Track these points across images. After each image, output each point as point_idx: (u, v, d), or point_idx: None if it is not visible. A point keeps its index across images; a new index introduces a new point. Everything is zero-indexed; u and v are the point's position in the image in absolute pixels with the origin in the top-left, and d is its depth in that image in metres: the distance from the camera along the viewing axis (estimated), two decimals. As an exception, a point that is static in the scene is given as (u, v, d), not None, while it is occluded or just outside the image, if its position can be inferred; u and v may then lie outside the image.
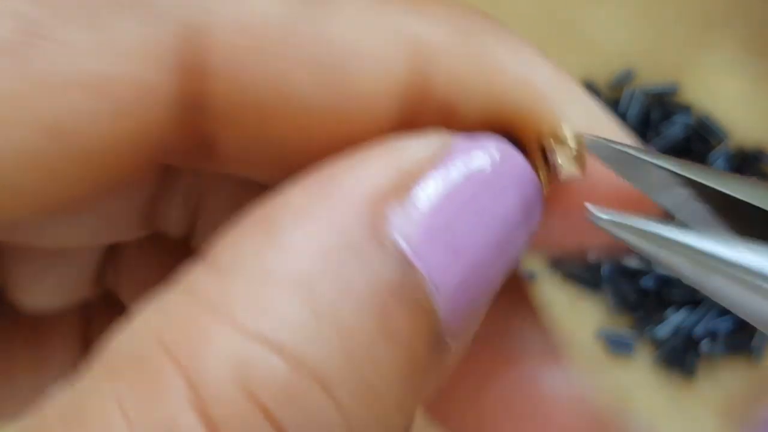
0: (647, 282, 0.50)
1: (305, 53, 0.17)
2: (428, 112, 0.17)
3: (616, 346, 0.50)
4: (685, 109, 0.50)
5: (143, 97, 0.16)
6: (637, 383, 0.50)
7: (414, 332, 0.15)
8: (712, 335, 0.49)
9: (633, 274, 0.50)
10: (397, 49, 0.17)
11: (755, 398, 0.51)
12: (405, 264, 0.15)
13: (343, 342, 0.14)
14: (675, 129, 0.49)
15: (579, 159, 0.17)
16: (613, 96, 0.50)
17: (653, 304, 0.50)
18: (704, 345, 0.49)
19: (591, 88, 0.50)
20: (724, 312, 0.49)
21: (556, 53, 0.55)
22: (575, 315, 0.51)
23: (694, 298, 0.49)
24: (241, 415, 0.14)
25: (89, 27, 0.16)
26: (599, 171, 0.17)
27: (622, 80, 0.50)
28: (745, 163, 0.50)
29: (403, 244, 0.15)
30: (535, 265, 0.50)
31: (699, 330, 0.49)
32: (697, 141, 0.50)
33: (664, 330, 0.49)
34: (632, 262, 0.49)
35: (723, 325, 0.49)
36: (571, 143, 0.17)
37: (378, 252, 0.15)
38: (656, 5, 0.52)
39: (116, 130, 0.16)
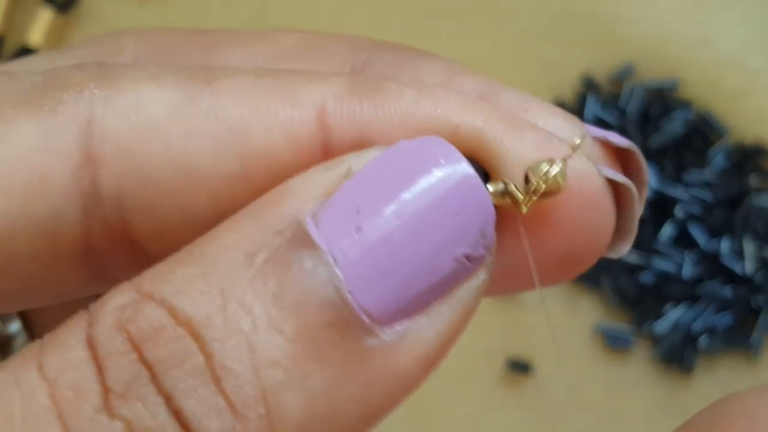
0: (646, 277, 0.50)
1: (201, 128, 0.18)
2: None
3: (614, 341, 0.50)
4: (686, 104, 0.50)
5: (45, 186, 0.18)
6: (635, 379, 0.50)
7: (304, 294, 0.16)
8: (711, 331, 0.49)
9: (632, 270, 0.50)
10: (300, 108, 0.18)
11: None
12: (298, 233, 0.16)
13: (226, 301, 0.16)
14: (675, 125, 0.49)
15: (559, 176, 0.17)
16: (613, 91, 0.50)
17: (651, 300, 0.50)
18: (702, 341, 0.50)
19: (590, 83, 0.50)
20: (722, 308, 0.49)
21: (556, 48, 0.54)
22: (573, 310, 0.51)
23: (692, 294, 0.49)
24: (116, 349, 0.16)
25: None
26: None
27: (622, 75, 0.50)
28: (745, 158, 0.50)
29: (309, 219, 0.16)
30: None
31: (697, 326, 0.49)
32: (697, 137, 0.50)
33: (662, 326, 0.49)
34: (631, 258, 0.49)
35: (722, 320, 0.49)
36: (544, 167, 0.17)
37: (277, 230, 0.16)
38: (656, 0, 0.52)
39: (18, 218, 0.18)
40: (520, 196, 0.17)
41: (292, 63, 0.23)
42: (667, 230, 0.49)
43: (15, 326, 0.27)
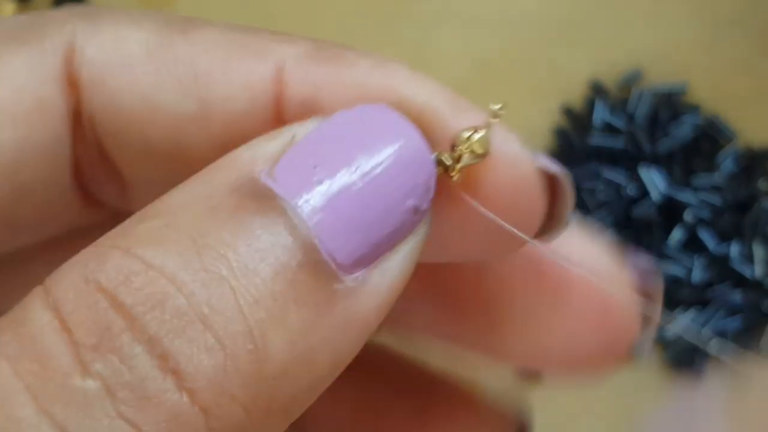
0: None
1: (169, 69, 0.20)
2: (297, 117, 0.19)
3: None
4: (694, 108, 0.50)
5: (43, 111, 0.20)
6: (646, 384, 0.50)
7: (275, 239, 0.17)
8: (722, 335, 0.49)
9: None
10: (261, 63, 0.20)
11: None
12: (257, 187, 0.17)
13: (199, 248, 0.17)
14: (684, 129, 0.49)
15: (484, 144, 0.18)
16: (621, 96, 0.50)
17: (665, 303, 0.49)
18: (713, 345, 0.49)
19: (599, 87, 0.50)
20: (732, 312, 0.49)
21: (565, 52, 0.54)
22: None
23: (702, 298, 0.49)
24: (84, 302, 0.16)
25: None
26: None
27: (631, 80, 0.51)
28: (754, 162, 0.50)
29: (263, 176, 0.17)
30: None
31: (707, 331, 0.49)
32: (706, 141, 0.50)
33: (672, 330, 0.49)
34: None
35: (731, 325, 0.49)
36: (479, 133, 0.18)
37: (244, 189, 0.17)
38: (665, 4, 0.52)
39: (25, 145, 0.20)
40: (448, 163, 0.18)
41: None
42: (677, 235, 0.49)
43: None
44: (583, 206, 0.49)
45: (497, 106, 0.19)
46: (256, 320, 0.16)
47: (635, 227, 0.50)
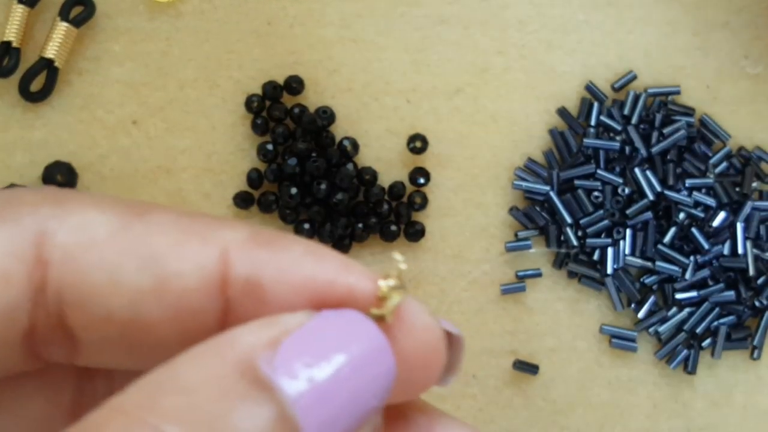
0: (650, 279, 0.50)
1: (130, 249, 0.23)
2: (243, 295, 0.23)
3: (620, 343, 0.50)
4: (688, 110, 0.50)
5: (8, 284, 0.22)
6: (640, 379, 0.51)
7: (267, 417, 0.20)
8: (713, 333, 0.50)
9: (638, 272, 0.50)
10: (208, 246, 0.23)
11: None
12: (258, 375, 0.20)
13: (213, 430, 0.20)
14: (678, 132, 0.49)
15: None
16: (616, 98, 0.50)
17: (658, 300, 0.50)
18: (705, 342, 0.50)
19: (594, 91, 0.50)
20: (726, 311, 0.50)
21: (560, 56, 0.54)
22: (579, 312, 0.51)
23: (696, 297, 0.49)
24: None
25: None
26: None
27: (625, 83, 0.50)
28: (746, 163, 0.50)
29: (263, 365, 0.20)
30: (541, 265, 0.51)
31: (700, 328, 0.49)
32: (700, 142, 0.50)
33: (666, 327, 0.49)
34: (635, 262, 0.50)
35: (723, 322, 0.49)
36: (393, 292, 0.23)
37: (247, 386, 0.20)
38: (657, 9, 0.52)
39: None
40: (379, 313, 0.23)
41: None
42: (670, 234, 0.49)
43: None
44: (579, 206, 0.50)
45: (403, 266, 0.24)
46: None
47: (630, 228, 0.50)
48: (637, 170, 0.49)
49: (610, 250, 0.50)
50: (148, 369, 0.21)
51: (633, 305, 0.50)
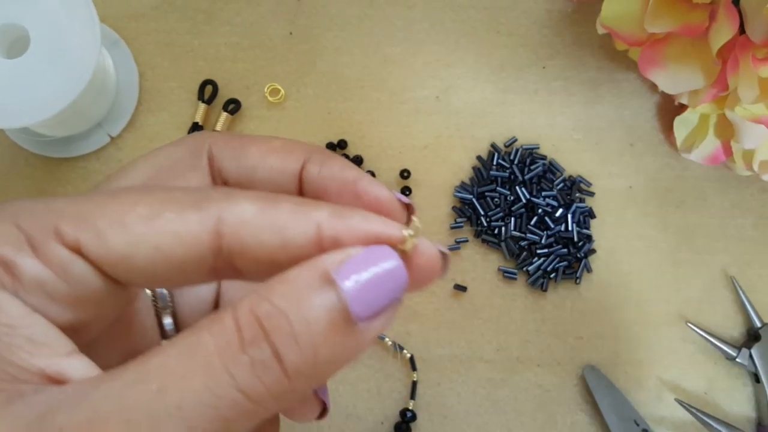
0: (524, 243, 0.63)
1: (266, 223, 0.25)
2: (330, 246, 0.25)
3: (508, 276, 0.63)
4: (543, 157, 0.63)
5: (199, 243, 0.25)
6: (518, 294, 0.64)
7: (330, 299, 0.23)
8: (556, 270, 0.63)
9: (517, 239, 0.63)
10: (311, 222, 0.25)
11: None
12: (329, 278, 0.23)
13: (301, 301, 0.23)
14: (537, 167, 0.62)
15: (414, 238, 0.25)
16: (506, 150, 0.62)
17: (528, 254, 0.63)
18: (552, 275, 0.63)
19: (495, 147, 0.62)
20: (561, 259, 0.63)
21: (477, 129, 0.65)
22: (488, 260, 0.63)
23: (549, 252, 0.62)
24: (247, 321, 0.23)
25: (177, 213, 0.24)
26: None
27: (511, 143, 0.63)
28: (573, 183, 0.62)
29: (333, 271, 0.23)
30: (468, 235, 0.63)
31: (549, 267, 0.63)
32: (550, 173, 0.62)
33: (532, 267, 0.63)
34: (516, 234, 0.62)
35: (561, 264, 0.63)
36: (413, 231, 0.25)
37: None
38: (532, 104, 0.64)
39: (189, 257, 0.25)
40: (403, 246, 0.25)
41: (274, 156, 0.30)
42: (534, 220, 0.62)
43: (168, 320, 0.34)
44: (487, 206, 0.61)
45: (417, 221, 0.27)
46: (315, 341, 0.22)
47: (513, 217, 0.62)
48: (517, 188, 0.62)
49: (503, 228, 0.62)
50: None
51: (516, 256, 0.62)
